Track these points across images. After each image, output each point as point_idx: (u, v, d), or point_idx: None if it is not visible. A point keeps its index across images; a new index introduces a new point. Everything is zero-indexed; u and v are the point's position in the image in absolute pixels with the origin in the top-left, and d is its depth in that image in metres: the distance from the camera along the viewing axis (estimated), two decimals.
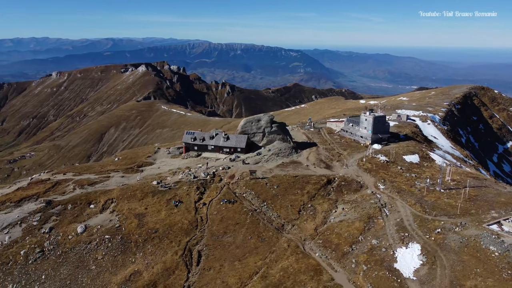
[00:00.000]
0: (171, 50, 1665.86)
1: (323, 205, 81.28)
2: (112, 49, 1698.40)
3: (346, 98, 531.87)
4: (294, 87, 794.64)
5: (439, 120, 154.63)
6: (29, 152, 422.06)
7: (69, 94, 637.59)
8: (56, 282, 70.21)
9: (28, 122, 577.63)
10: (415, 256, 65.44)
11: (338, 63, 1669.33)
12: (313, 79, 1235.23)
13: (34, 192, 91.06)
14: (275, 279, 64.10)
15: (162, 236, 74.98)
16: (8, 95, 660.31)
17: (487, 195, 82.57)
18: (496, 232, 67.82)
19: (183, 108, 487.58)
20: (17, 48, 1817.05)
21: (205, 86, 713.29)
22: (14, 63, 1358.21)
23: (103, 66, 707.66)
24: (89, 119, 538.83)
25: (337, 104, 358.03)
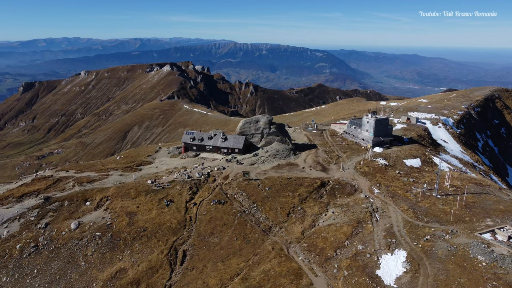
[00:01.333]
0: (197, 50, 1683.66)
1: (314, 208, 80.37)
2: (140, 49, 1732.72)
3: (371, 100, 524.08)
4: (318, 87, 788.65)
5: (453, 123, 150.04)
6: (57, 148, 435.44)
7: (96, 93, 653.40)
8: (46, 276, 72.24)
9: (57, 120, 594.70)
10: (400, 263, 63.88)
11: (365, 63, 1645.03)
12: (339, 80, 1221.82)
13: (36, 188, 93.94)
14: (255, 282, 63.88)
15: (150, 235, 75.96)
16: (39, 93, 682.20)
17: (486, 202, 79.67)
18: (488, 241, 65.38)
19: (205, 108, 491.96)
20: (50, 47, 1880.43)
21: (228, 86, 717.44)
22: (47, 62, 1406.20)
23: (129, 65, 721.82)
24: (115, 117, 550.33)
25: (358, 105, 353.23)
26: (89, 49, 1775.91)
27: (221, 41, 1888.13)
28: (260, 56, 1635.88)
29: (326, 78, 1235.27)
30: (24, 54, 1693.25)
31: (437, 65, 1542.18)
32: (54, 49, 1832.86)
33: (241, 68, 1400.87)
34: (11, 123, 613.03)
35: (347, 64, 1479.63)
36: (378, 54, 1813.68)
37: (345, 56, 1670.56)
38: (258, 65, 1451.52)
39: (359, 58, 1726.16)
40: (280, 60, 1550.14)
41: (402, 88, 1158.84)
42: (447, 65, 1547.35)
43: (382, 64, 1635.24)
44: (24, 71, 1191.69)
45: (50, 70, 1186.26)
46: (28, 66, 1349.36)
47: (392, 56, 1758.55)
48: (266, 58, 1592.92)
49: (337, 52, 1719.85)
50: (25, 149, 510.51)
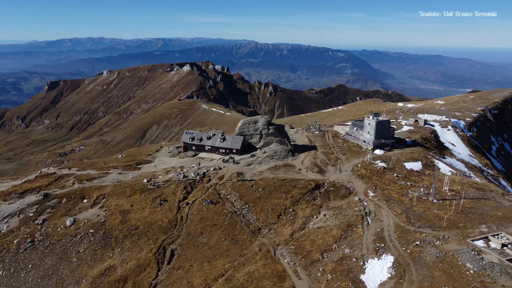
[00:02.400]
0: (218, 50, 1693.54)
1: (306, 210, 79.68)
2: (162, 49, 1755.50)
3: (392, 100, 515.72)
4: (338, 88, 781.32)
5: (464, 125, 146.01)
6: (78, 146, 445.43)
7: (117, 92, 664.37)
8: (40, 271, 73.96)
9: (79, 118, 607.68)
10: (385, 268, 62.66)
11: (387, 64, 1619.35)
12: (360, 80, 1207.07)
13: (38, 185, 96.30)
14: (238, 283, 63.79)
15: (141, 233, 76.81)
16: (63, 92, 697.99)
17: (484, 208, 77.35)
18: (479, 248, 63.51)
19: (222, 108, 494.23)
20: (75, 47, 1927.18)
21: (248, 86, 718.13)
22: (72, 62, 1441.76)
23: (150, 65, 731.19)
24: (135, 116, 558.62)
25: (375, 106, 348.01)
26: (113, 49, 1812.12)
27: (242, 41, 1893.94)
28: (281, 56, 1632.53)
29: (347, 78, 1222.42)
30: (50, 54, 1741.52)
31: (462, 65, 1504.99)
32: (79, 48, 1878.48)
33: (261, 68, 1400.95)
34: (36, 120, 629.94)
35: (369, 65, 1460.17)
36: (401, 54, 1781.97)
37: (367, 57, 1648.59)
38: (279, 65, 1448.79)
39: (381, 59, 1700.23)
40: (301, 60, 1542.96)
41: (426, 89, 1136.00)
42: (473, 66, 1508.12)
43: (405, 64, 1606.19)
44: (51, 70, 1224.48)
45: (75, 70, 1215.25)
46: (54, 66, 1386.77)
47: (415, 56, 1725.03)
48: (287, 58, 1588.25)
49: (359, 53, 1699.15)
50: (48, 146, 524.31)
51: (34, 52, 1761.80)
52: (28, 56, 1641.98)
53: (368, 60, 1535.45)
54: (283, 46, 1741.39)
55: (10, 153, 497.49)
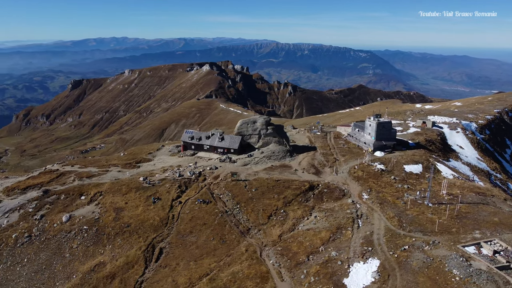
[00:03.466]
0: (239, 49, 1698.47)
1: (297, 211, 79.07)
2: (184, 49, 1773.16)
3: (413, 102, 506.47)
4: (358, 88, 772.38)
5: (476, 128, 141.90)
6: (99, 144, 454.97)
7: (138, 91, 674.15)
8: (34, 266, 75.85)
9: (101, 116, 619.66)
10: (370, 272, 61.57)
11: (410, 64, 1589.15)
12: (382, 81, 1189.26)
13: (40, 181, 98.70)
14: (221, 283, 63.86)
15: (132, 231, 77.79)
16: (86, 91, 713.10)
17: (481, 213, 75.09)
18: (468, 254, 61.66)
19: (240, 107, 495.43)
20: (100, 47, 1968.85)
21: (267, 85, 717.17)
22: (96, 61, 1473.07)
23: (171, 64, 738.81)
24: (155, 115, 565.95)
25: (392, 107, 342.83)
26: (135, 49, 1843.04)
27: (263, 41, 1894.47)
28: (302, 56, 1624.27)
29: (369, 79, 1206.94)
30: (76, 53, 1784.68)
31: (488, 66, 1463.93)
32: (103, 48, 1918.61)
33: (282, 68, 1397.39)
34: (60, 118, 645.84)
35: (392, 65, 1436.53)
36: (425, 55, 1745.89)
37: (390, 57, 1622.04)
38: (300, 65, 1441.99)
39: (404, 59, 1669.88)
40: (322, 60, 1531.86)
41: (450, 90, 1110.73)
42: (500, 67, 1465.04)
43: (429, 65, 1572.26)
44: (76, 69, 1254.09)
45: (99, 69, 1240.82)
46: (79, 65, 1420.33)
47: (440, 57, 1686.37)
48: (308, 58, 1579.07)
49: (381, 53, 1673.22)
50: (71, 143, 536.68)
51: (60, 51, 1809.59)
52: (55, 56, 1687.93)
53: (390, 61, 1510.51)
54: (304, 46, 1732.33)
55: (34, 150, 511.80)
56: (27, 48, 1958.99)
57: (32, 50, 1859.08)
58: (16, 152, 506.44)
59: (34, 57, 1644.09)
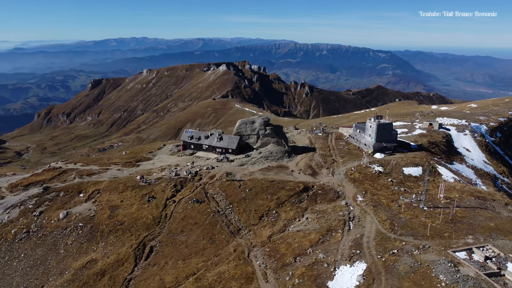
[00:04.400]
0: (257, 50, 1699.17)
1: (289, 212, 78.58)
2: (202, 49, 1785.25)
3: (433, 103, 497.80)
4: (376, 89, 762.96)
5: (486, 130, 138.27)
6: (117, 142, 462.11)
7: (156, 91, 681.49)
8: (30, 261, 77.54)
9: (119, 115, 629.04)
10: (355, 276, 60.69)
11: (431, 65, 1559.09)
12: (402, 82, 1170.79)
13: (42, 178, 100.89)
14: (207, 282, 63.99)
15: (125, 229, 78.67)
16: (105, 90, 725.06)
17: (477, 217, 73.18)
18: (458, 260, 60.14)
19: (255, 107, 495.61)
20: (120, 47, 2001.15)
21: (284, 86, 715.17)
22: (117, 61, 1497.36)
23: (188, 64, 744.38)
24: (172, 114, 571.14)
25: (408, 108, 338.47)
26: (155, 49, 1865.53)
27: (281, 41, 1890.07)
28: (320, 56, 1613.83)
29: (388, 79, 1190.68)
30: (97, 53, 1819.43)
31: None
32: (123, 48, 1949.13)
33: (300, 68, 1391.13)
34: (80, 117, 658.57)
35: (412, 66, 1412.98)
36: (447, 55, 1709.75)
37: (410, 57, 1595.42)
38: (318, 65, 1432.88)
39: (425, 60, 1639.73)
40: (340, 61, 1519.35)
41: (472, 92, 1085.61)
42: None
43: (450, 66, 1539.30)
44: (96, 69, 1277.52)
45: (119, 68, 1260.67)
46: (100, 64, 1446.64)
47: (462, 57, 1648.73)
48: (326, 59, 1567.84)
49: (401, 53, 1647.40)
50: (90, 141, 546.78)
51: (82, 51, 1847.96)
52: (76, 55, 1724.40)
53: (410, 61, 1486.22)
54: (322, 46, 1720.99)
55: (55, 148, 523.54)
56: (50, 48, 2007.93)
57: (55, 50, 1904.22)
58: (37, 149, 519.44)
59: (56, 57, 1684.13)
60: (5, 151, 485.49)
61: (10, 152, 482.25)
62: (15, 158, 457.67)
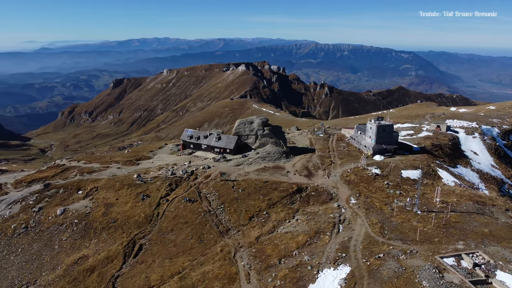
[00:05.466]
0: (278, 50, 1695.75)
1: (280, 214, 78.04)
2: (223, 49, 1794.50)
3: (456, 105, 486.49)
4: (398, 90, 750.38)
5: (498, 133, 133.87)
6: (137, 141, 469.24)
7: (175, 90, 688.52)
8: (26, 256, 79.45)
9: (140, 114, 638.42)
10: (338, 279, 59.80)
11: (456, 66, 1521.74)
12: (425, 83, 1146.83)
13: (45, 175, 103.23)
14: (190, 282, 64.24)
15: (118, 226, 79.73)
16: (127, 89, 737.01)
17: (471, 223, 71.03)
18: (444, 266, 58.53)
19: (273, 108, 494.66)
20: (142, 47, 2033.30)
21: (303, 86, 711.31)
22: (139, 61, 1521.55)
23: (208, 65, 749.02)
24: (190, 114, 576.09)
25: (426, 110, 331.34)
26: (177, 49, 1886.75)
27: (302, 42, 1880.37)
28: (342, 57, 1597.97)
29: (411, 80, 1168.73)
30: (120, 53, 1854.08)
31: None
32: (146, 48, 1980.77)
33: (321, 69, 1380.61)
34: (101, 115, 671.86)
35: (436, 67, 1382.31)
36: (472, 56, 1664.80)
37: (434, 58, 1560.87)
38: (339, 66, 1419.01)
39: (449, 60, 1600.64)
40: (362, 61, 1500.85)
41: (498, 93, 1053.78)
42: None
43: (475, 67, 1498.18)
44: (119, 69, 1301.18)
45: (141, 68, 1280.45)
46: (123, 64, 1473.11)
47: (488, 58, 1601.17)
48: (348, 59, 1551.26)
49: (424, 54, 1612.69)
50: (110, 140, 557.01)
51: (106, 51, 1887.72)
52: (100, 55, 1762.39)
53: (434, 62, 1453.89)
54: (344, 46, 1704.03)
55: (77, 145, 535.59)
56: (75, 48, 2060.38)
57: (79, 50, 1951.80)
58: (60, 147, 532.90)
59: (81, 57, 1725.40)
60: (30, 148, 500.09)
61: (35, 149, 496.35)
62: (39, 155, 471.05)
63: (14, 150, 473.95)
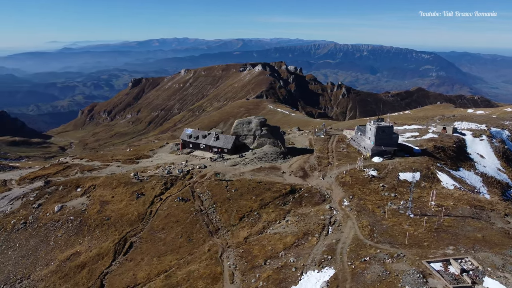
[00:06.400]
0: (296, 50, 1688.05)
1: (271, 214, 77.62)
2: (242, 49, 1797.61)
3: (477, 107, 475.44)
4: (417, 91, 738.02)
5: (508, 136, 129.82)
6: (153, 140, 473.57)
7: (192, 90, 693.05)
8: (22, 251, 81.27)
9: (157, 114, 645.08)
10: (320, 282, 59.10)
11: (478, 67, 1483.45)
12: (446, 84, 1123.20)
13: (47, 172, 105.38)
14: (175, 280, 64.56)
15: (111, 224, 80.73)
16: (145, 89, 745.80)
17: (465, 227, 69.21)
18: (430, 271, 57.19)
19: (288, 108, 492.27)
20: (162, 47, 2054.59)
21: (320, 87, 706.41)
22: (158, 61, 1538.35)
23: (225, 65, 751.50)
24: (207, 113, 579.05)
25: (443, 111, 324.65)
26: (195, 49, 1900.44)
27: (320, 42, 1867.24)
28: (361, 57, 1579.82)
29: (431, 82, 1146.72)
30: (139, 53, 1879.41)
31: None
32: (165, 48, 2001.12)
33: (339, 69, 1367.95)
34: (120, 114, 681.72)
35: (458, 68, 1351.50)
36: (496, 56, 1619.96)
37: (456, 59, 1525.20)
38: (358, 66, 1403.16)
39: (472, 61, 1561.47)
40: (381, 62, 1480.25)
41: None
42: None
43: (499, 68, 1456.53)
44: (139, 68, 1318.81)
45: (160, 68, 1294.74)
46: (142, 64, 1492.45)
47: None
48: (367, 60, 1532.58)
49: (446, 54, 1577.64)
50: (128, 139, 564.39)
51: (126, 51, 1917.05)
52: (120, 55, 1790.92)
53: (456, 63, 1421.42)
54: (363, 47, 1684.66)
55: (95, 144, 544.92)
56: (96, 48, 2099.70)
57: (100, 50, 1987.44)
58: (80, 145, 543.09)
59: (102, 57, 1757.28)
60: (50, 146, 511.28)
61: (55, 147, 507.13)
62: (58, 153, 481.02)
63: (35, 147, 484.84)
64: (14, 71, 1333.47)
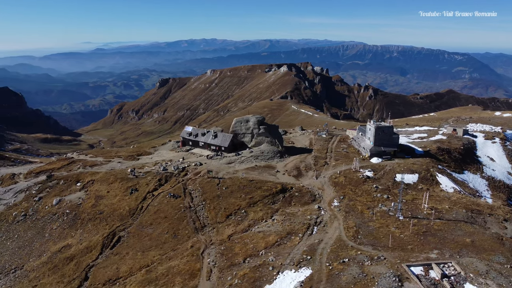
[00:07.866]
0: (324, 51, 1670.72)
1: (259, 213, 76.94)
2: (269, 50, 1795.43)
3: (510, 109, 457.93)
4: (447, 94, 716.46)
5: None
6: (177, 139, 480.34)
7: (218, 90, 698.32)
8: (20, 242, 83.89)
9: (183, 113, 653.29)
10: (295, 282, 58.07)
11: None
12: (480, 86, 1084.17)
13: (52, 167, 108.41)
14: (155, 275, 64.96)
15: (103, 218, 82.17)
16: (172, 89, 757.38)
17: (455, 232, 66.47)
18: (407, 275, 55.28)
19: (312, 109, 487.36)
20: (190, 48, 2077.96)
21: (346, 88, 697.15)
22: (187, 61, 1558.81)
23: (250, 65, 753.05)
24: (231, 114, 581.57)
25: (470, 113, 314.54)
26: (223, 50, 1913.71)
27: (349, 43, 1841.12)
28: (390, 58, 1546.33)
29: (464, 84, 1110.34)
30: (169, 54, 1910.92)
31: None
32: (193, 49, 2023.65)
33: (368, 71, 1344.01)
34: (147, 114, 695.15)
35: (492, 69, 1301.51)
36: None
37: (490, 60, 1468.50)
38: (387, 67, 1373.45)
39: (507, 63, 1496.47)
40: (412, 63, 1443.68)
41: None
42: None
43: None
44: (167, 69, 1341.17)
45: (188, 69, 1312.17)
46: (171, 64, 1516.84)
47: None
48: (397, 61, 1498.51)
49: (480, 55, 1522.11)
50: (154, 138, 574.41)
51: (155, 52, 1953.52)
52: (150, 56, 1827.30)
53: (491, 64, 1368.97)
54: (393, 48, 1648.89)
55: (123, 142, 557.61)
56: (126, 48, 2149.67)
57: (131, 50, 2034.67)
58: (108, 143, 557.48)
59: (132, 57, 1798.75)
60: (80, 144, 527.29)
61: (84, 145, 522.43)
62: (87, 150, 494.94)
63: (66, 145, 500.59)
64: (49, 70, 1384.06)
